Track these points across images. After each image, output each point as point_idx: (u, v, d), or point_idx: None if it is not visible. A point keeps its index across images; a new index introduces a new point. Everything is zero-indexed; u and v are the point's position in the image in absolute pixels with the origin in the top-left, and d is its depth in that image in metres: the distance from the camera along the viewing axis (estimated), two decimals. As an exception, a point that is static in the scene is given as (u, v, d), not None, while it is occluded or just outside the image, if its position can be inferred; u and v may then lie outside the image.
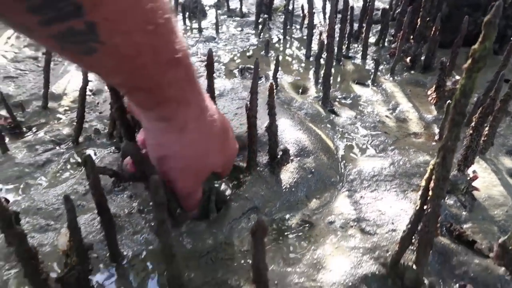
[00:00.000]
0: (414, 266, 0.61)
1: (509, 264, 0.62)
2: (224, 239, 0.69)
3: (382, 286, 0.62)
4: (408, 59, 1.48)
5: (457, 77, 1.36)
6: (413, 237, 0.61)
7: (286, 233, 0.73)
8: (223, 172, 0.70)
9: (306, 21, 1.74)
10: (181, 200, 0.67)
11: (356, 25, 1.75)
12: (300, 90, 1.30)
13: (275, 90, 1.21)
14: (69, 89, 1.25)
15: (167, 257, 0.43)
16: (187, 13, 1.96)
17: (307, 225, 0.75)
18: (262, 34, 1.79)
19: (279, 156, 0.84)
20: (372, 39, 1.73)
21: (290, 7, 1.90)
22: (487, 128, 0.92)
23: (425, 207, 0.55)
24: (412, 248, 0.64)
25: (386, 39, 1.68)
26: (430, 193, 0.53)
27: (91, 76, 1.30)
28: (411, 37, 1.54)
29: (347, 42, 1.61)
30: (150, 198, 0.75)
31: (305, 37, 1.68)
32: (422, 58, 1.46)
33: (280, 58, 1.54)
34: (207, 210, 0.73)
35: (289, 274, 0.64)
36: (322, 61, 1.34)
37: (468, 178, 0.80)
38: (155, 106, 0.54)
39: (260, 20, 1.87)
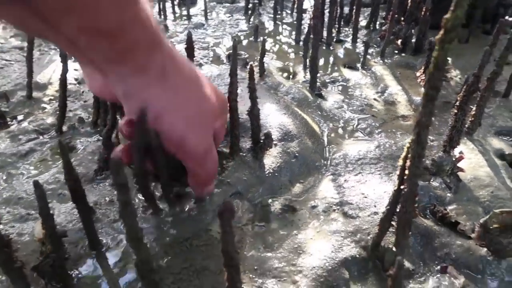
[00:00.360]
0: (394, 248, 0.60)
1: (490, 245, 0.61)
2: (205, 226, 0.68)
3: (362, 269, 0.62)
4: (399, 42, 1.45)
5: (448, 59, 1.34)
6: (393, 219, 0.60)
7: (268, 218, 0.72)
8: (222, 124, 0.63)
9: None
10: (198, 168, 0.60)
11: (347, 8, 1.72)
12: (290, 75, 1.28)
13: (262, 75, 1.19)
14: (54, 79, 1.24)
15: (133, 241, 0.42)
16: (177, 0, 1.93)
17: (290, 209, 0.74)
18: (252, 19, 1.77)
19: (262, 141, 0.83)
20: (363, 22, 1.71)
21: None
22: (474, 108, 0.90)
23: (402, 187, 0.54)
24: (393, 230, 0.63)
25: (378, 22, 1.66)
26: (406, 172, 0.52)
27: (76, 65, 1.29)
28: (402, 18, 1.51)
29: (337, 25, 1.59)
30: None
31: (295, 22, 1.65)
32: (413, 40, 1.44)
33: (271, 43, 1.52)
34: None
35: (269, 259, 0.63)
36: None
37: (454, 159, 0.79)
38: (125, 55, 0.48)
39: (250, 5, 1.85)
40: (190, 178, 0.64)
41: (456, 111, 0.77)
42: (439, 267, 0.62)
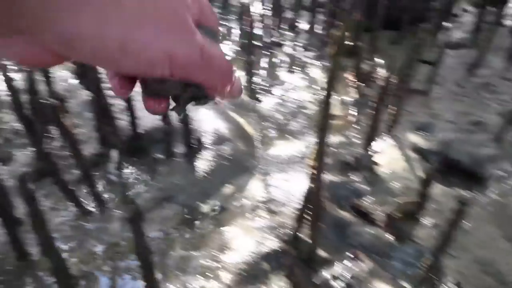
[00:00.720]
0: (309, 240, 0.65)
1: (395, 232, 0.68)
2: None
3: (282, 261, 0.66)
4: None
5: (379, 60, 1.43)
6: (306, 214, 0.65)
7: (198, 219, 0.76)
8: (200, 3, 0.59)
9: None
10: (206, 77, 0.55)
11: (291, 13, 1.78)
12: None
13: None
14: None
15: (47, 251, 0.45)
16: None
17: (220, 210, 0.78)
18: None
19: (193, 145, 0.86)
20: (306, 26, 1.77)
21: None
22: (395, 108, 0.98)
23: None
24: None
25: (320, 27, 1.73)
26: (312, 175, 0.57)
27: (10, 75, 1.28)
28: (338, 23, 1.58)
29: (279, 29, 1.64)
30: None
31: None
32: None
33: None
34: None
35: (195, 258, 0.67)
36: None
37: (372, 156, 0.85)
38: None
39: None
40: (208, 90, 0.59)
41: (372, 112, 0.84)
42: (351, 254, 0.67)
